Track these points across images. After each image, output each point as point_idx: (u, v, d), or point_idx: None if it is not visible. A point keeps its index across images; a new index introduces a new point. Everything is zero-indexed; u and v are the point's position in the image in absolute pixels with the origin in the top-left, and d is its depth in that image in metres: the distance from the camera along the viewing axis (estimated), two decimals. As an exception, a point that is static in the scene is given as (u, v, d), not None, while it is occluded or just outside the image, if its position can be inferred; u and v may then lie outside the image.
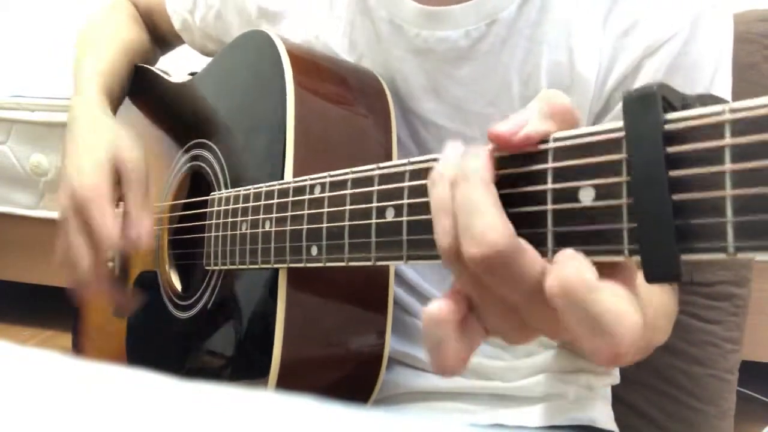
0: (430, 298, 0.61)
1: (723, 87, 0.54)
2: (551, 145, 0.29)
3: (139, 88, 0.79)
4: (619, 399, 0.71)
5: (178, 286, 0.67)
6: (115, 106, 0.72)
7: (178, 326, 0.64)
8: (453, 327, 0.30)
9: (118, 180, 0.59)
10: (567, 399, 0.63)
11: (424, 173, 0.35)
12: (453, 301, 0.31)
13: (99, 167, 0.58)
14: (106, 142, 0.61)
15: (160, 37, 0.83)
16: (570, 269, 0.26)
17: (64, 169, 0.62)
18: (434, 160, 0.35)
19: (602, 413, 0.65)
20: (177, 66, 0.85)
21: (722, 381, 0.76)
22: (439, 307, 0.31)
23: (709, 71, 0.53)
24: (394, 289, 0.56)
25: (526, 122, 0.30)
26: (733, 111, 0.23)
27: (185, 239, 0.66)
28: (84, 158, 0.60)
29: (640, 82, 0.53)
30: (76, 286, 0.59)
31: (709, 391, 0.76)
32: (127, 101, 0.80)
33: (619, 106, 0.54)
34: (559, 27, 0.54)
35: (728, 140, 0.23)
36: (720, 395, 0.76)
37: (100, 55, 0.73)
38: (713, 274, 0.76)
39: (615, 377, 0.69)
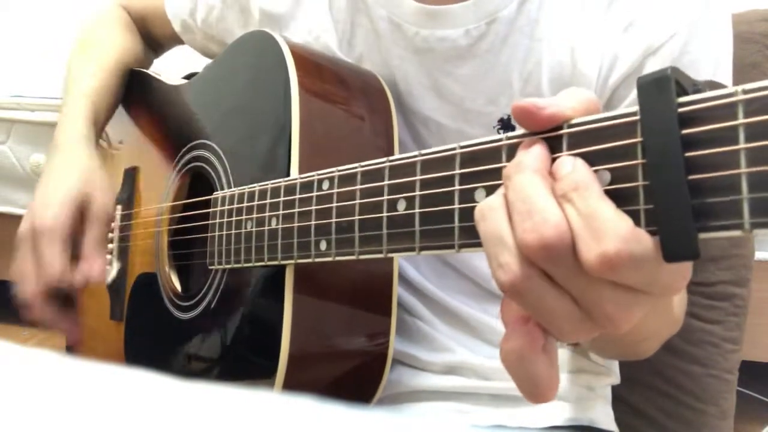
0: (431, 297, 0.62)
1: (724, 80, 0.54)
2: (566, 130, 0.30)
3: (137, 92, 0.79)
4: (619, 399, 0.71)
5: (178, 286, 0.67)
6: (101, 124, 0.73)
7: (179, 327, 0.63)
8: (538, 356, 0.29)
9: (82, 218, 0.62)
10: (567, 399, 0.63)
11: (435, 164, 0.35)
12: (526, 331, 0.30)
13: (63, 205, 0.61)
14: (78, 181, 0.63)
15: (154, 40, 0.84)
16: (582, 174, 0.27)
17: (36, 190, 0.64)
18: (445, 151, 0.35)
19: (602, 413, 0.65)
20: (175, 67, 0.85)
21: (722, 381, 0.76)
22: (516, 341, 0.30)
23: (710, 68, 0.53)
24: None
25: (553, 101, 0.30)
26: (745, 92, 0.24)
27: (186, 239, 0.66)
28: (52, 192, 0.62)
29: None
30: (21, 303, 0.61)
31: (709, 391, 0.76)
32: (124, 105, 0.80)
33: (623, 105, 0.54)
34: (559, 25, 0.55)
35: (741, 120, 0.24)
36: (720, 395, 0.76)
37: (87, 74, 0.74)
38: (713, 274, 0.77)
39: (615, 377, 0.69)
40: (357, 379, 0.57)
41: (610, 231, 0.26)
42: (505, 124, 0.57)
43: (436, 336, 0.62)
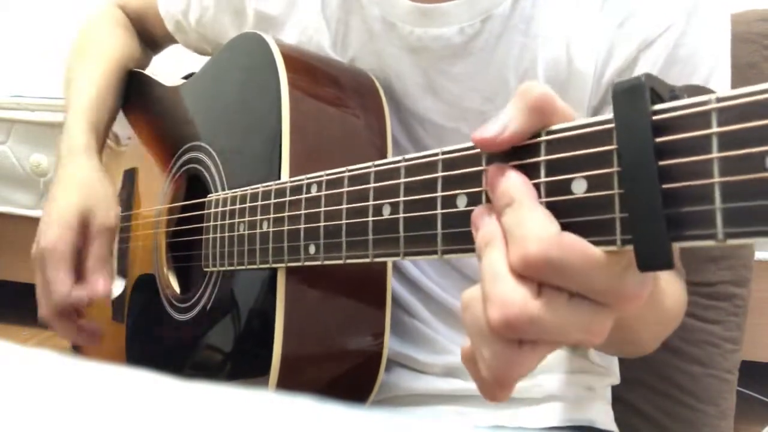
0: (432, 296, 0.62)
1: (722, 80, 0.54)
2: (544, 137, 0.29)
3: (135, 93, 0.80)
4: (619, 399, 0.71)
5: (176, 288, 0.67)
6: (105, 129, 0.73)
7: (177, 328, 0.64)
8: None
9: (86, 232, 0.62)
10: (567, 400, 0.63)
11: (418, 169, 0.35)
12: None
13: (64, 224, 0.61)
14: (78, 197, 0.63)
15: (151, 39, 0.84)
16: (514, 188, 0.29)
17: (43, 212, 0.65)
18: (428, 156, 0.35)
19: (602, 414, 0.65)
20: (172, 68, 0.85)
21: (722, 381, 0.76)
22: None
23: (707, 64, 0.53)
24: (394, 287, 0.56)
25: (507, 122, 0.30)
26: (719, 100, 0.24)
27: (183, 241, 0.66)
28: (55, 212, 0.62)
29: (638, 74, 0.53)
30: (46, 319, 0.63)
31: (709, 391, 0.76)
32: (125, 105, 0.80)
33: None
34: (554, 21, 0.54)
35: (715, 129, 0.23)
36: (720, 395, 0.76)
37: (89, 79, 0.74)
38: (713, 274, 0.77)
39: (615, 377, 0.69)
40: (352, 378, 0.57)
41: (533, 235, 0.27)
42: None
43: (436, 338, 0.62)
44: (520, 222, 0.28)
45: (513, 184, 0.29)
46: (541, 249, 0.27)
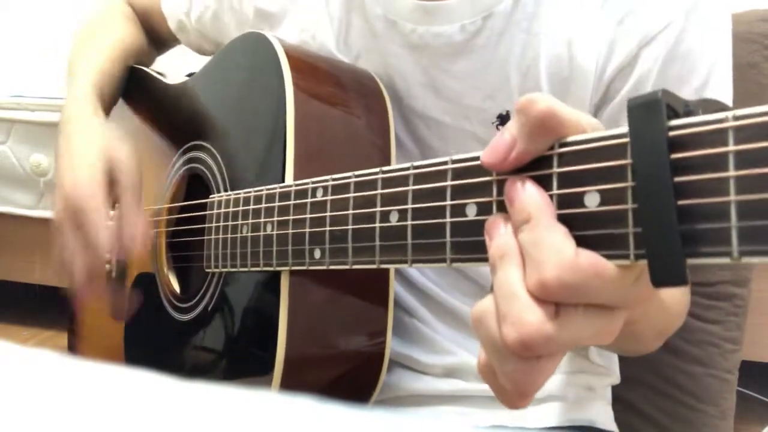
0: (431, 296, 0.62)
1: (722, 80, 0.54)
2: (557, 150, 0.29)
3: (136, 90, 0.79)
4: (619, 399, 0.71)
5: (176, 288, 0.67)
6: (107, 106, 0.73)
7: (177, 328, 0.63)
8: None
9: (111, 183, 0.61)
10: (567, 400, 0.63)
11: (427, 177, 0.35)
12: None
13: (94, 174, 0.60)
14: (100, 146, 0.62)
15: (157, 37, 0.83)
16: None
17: (57, 170, 0.63)
18: (437, 164, 0.35)
19: (602, 414, 0.65)
20: (175, 66, 0.85)
21: (722, 381, 0.76)
22: None
23: (706, 62, 0.53)
24: (395, 287, 0.56)
25: (513, 143, 0.30)
26: (736, 118, 0.23)
27: (184, 241, 0.66)
28: (78, 163, 0.61)
29: (638, 72, 0.53)
30: (73, 287, 0.60)
31: (709, 391, 0.76)
32: (122, 103, 0.79)
33: (619, 97, 0.54)
34: (556, 18, 0.54)
35: (732, 147, 0.23)
36: (720, 395, 0.76)
37: (93, 55, 0.74)
38: (713, 274, 0.76)
39: (615, 377, 0.69)
40: (355, 379, 0.57)
41: (550, 260, 0.27)
42: (504, 120, 0.57)
43: (436, 338, 0.62)
44: (537, 242, 0.28)
45: (531, 199, 0.29)
46: (558, 275, 0.27)
